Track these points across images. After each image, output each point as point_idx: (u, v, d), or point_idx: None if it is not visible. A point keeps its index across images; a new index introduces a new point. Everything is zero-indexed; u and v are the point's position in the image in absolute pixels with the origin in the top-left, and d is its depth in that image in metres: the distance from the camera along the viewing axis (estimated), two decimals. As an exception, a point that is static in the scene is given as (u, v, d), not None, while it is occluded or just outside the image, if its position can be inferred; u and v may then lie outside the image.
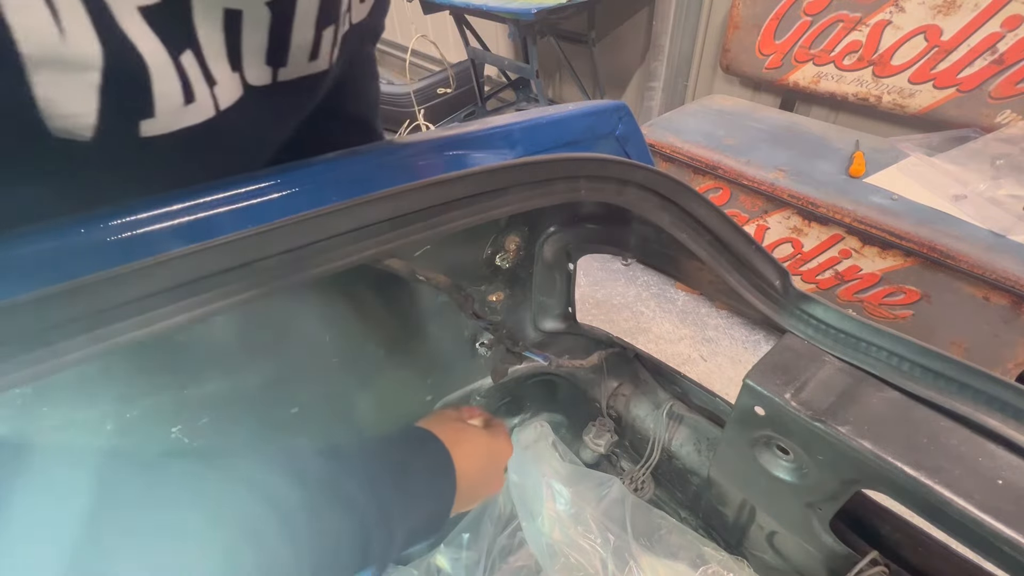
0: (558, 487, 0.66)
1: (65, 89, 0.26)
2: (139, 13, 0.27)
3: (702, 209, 0.47)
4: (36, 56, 0.24)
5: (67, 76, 0.25)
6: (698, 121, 1.64)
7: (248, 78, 0.35)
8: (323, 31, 0.37)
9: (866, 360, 0.48)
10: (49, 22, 0.23)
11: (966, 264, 1.09)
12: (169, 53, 0.29)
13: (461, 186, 0.37)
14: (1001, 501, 0.37)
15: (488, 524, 0.71)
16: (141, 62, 0.27)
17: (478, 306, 0.63)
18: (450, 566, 0.68)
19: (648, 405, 0.80)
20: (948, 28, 1.32)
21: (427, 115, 2.60)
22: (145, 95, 0.29)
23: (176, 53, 0.29)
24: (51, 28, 0.24)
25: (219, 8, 0.31)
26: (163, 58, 0.28)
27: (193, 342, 0.49)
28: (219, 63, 0.32)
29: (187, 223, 0.31)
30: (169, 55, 0.29)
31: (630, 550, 0.61)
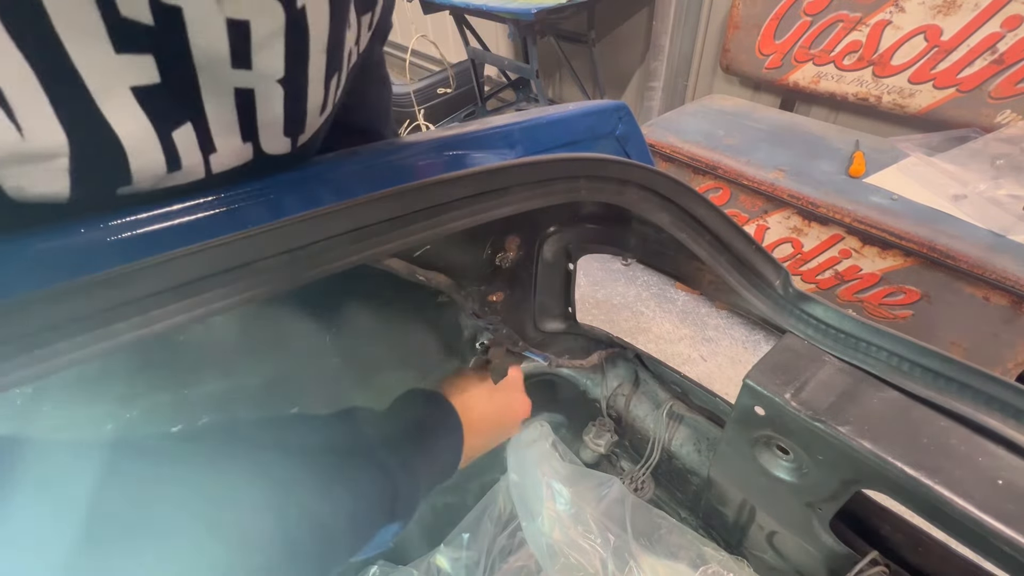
0: (558, 487, 0.66)
1: (33, 177, 0.25)
2: (131, 93, 0.27)
3: (702, 209, 0.47)
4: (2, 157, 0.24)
5: (33, 166, 0.25)
6: (698, 121, 1.64)
7: (265, 148, 0.35)
8: (330, 83, 0.37)
9: (866, 360, 0.48)
10: (6, 126, 0.23)
11: (966, 264, 1.09)
12: (157, 130, 0.28)
13: (461, 186, 0.37)
14: (1001, 501, 0.37)
15: (488, 524, 0.71)
16: (115, 143, 0.27)
17: (478, 306, 0.63)
18: (450, 566, 0.68)
19: (648, 405, 0.80)
20: (948, 28, 1.32)
21: (427, 115, 2.60)
22: (120, 170, 0.28)
23: (169, 129, 0.29)
24: (8, 130, 0.23)
25: (229, 87, 0.31)
26: (146, 136, 0.28)
27: (193, 342, 0.49)
28: (228, 135, 0.33)
29: (187, 223, 0.31)
30: (156, 132, 0.28)
31: (630, 550, 0.61)
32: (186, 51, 0.28)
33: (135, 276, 0.27)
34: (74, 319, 0.26)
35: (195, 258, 0.28)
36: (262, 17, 0.29)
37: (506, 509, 0.73)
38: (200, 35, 0.27)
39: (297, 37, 0.31)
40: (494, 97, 2.60)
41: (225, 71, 0.30)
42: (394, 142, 0.46)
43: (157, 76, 0.27)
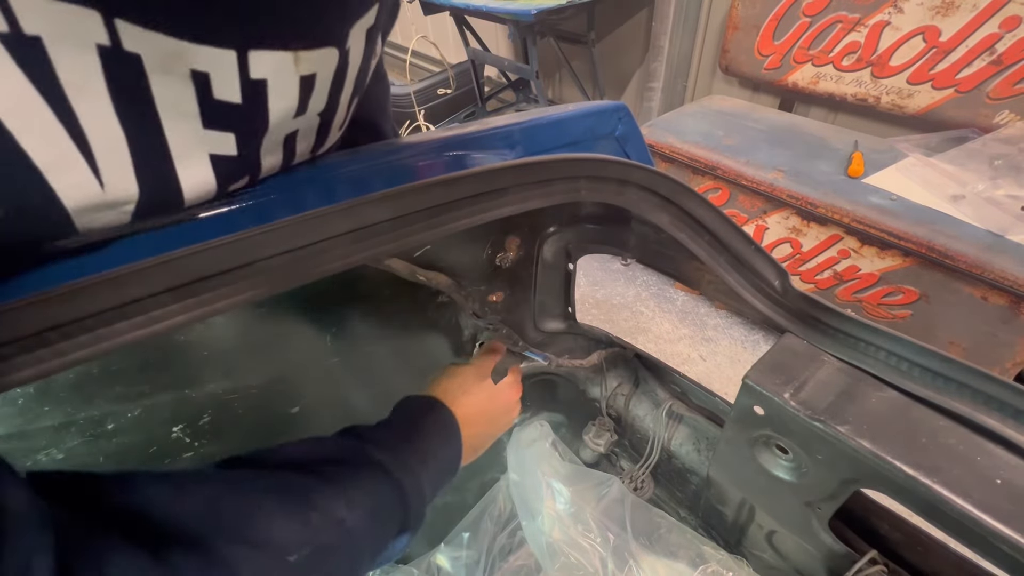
0: (558, 486, 0.66)
1: (102, 219, 0.28)
2: (208, 159, 0.29)
3: (701, 209, 0.48)
4: (79, 208, 0.26)
5: (106, 212, 0.27)
6: (697, 121, 1.65)
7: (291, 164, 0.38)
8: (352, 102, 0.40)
9: (865, 360, 0.48)
10: (90, 179, 0.25)
11: (964, 264, 1.10)
12: (219, 185, 0.31)
13: (461, 186, 0.37)
14: (999, 500, 0.37)
15: (488, 523, 0.71)
16: (179, 193, 0.29)
17: (478, 306, 0.63)
18: (450, 565, 0.68)
19: (648, 405, 0.80)
20: (947, 29, 1.32)
21: (427, 116, 2.60)
22: (175, 209, 0.31)
23: (229, 184, 0.32)
24: (92, 184, 0.25)
25: (283, 135, 0.33)
26: (209, 188, 0.30)
27: (194, 342, 0.49)
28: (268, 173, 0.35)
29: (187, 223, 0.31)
30: (218, 186, 0.31)
31: (630, 549, 0.61)
32: (264, 122, 0.30)
33: (135, 276, 0.27)
34: (75, 319, 0.26)
35: (195, 258, 0.28)
36: (324, 66, 0.31)
37: (506, 509, 0.73)
38: (279, 100, 0.30)
39: (340, 75, 0.34)
40: (494, 98, 2.60)
41: (287, 124, 0.32)
42: (394, 142, 0.46)
43: (235, 150, 0.30)
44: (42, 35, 0.21)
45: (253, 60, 0.27)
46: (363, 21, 0.33)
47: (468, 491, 0.81)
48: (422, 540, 0.72)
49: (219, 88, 0.27)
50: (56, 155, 0.24)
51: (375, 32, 0.36)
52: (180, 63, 0.25)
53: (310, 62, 0.30)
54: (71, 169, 0.24)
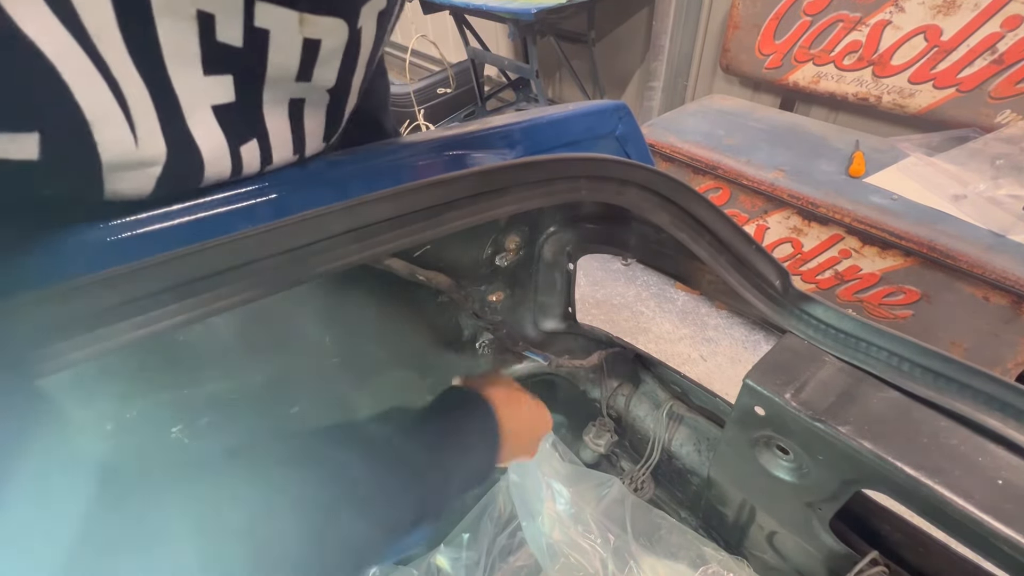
0: (558, 487, 0.66)
1: (129, 181, 0.28)
2: (211, 112, 0.30)
3: (702, 209, 0.47)
4: (113, 163, 0.27)
5: (133, 172, 0.28)
6: (698, 121, 1.64)
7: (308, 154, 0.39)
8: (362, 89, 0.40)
9: (866, 360, 0.48)
10: (127, 134, 0.26)
11: (966, 264, 1.09)
12: (230, 145, 0.32)
13: (461, 186, 0.37)
14: (1001, 501, 0.37)
15: (488, 524, 0.71)
16: (198, 155, 0.30)
17: (478, 306, 0.63)
18: (450, 566, 0.68)
19: (648, 405, 0.80)
20: (948, 28, 1.32)
21: (427, 115, 2.60)
22: (197, 176, 0.32)
23: (238, 144, 0.32)
24: (128, 139, 0.26)
25: (286, 97, 0.34)
26: (221, 150, 0.31)
27: (193, 342, 0.49)
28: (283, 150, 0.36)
29: (187, 224, 0.31)
30: (229, 146, 0.32)
31: (630, 550, 0.61)
32: (262, 69, 0.31)
33: (135, 276, 0.27)
34: (75, 319, 0.26)
35: (195, 258, 0.28)
36: (331, 36, 0.32)
37: (506, 509, 0.73)
38: (278, 54, 0.30)
39: (351, 53, 0.35)
40: (494, 97, 2.60)
41: (288, 84, 0.33)
42: (394, 142, 0.46)
43: (233, 95, 0.30)
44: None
45: (259, 9, 0.28)
46: (376, 2, 0.34)
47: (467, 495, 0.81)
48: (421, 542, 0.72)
49: (222, 30, 0.27)
50: (102, 107, 0.24)
51: (385, 18, 0.37)
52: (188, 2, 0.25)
53: (315, 26, 0.31)
54: (113, 122, 0.25)
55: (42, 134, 0.23)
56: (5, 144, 0.22)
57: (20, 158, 0.23)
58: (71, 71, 0.23)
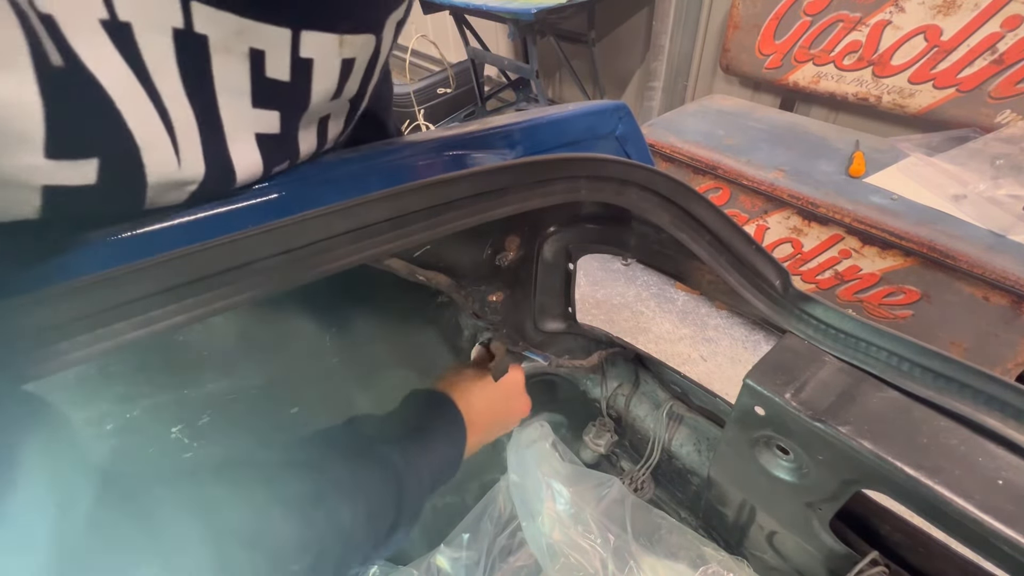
0: (558, 487, 0.66)
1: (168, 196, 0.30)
2: (255, 139, 0.32)
3: (702, 209, 0.47)
4: (157, 183, 0.28)
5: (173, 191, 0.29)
6: (698, 121, 1.64)
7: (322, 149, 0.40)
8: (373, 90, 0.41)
9: (866, 360, 0.48)
10: (172, 157, 0.28)
11: (966, 264, 1.09)
12: (265, 167, 0.33)
13: (461, 186, 0.37)
14: (1001, 501, 0.37)
15: (488, 524, 0.71)
16: (233, 175, 0.32)
17: (478, 306, 0.63)
18: (450, 566, 0.68)
19: (648, 405, 0.80)
20: (948, 28, 1.32)
21: (427, 115, 2.60)
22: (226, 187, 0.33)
23: (272, 166, 0.34)
24: (172, 161, 0.28)
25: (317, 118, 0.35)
26: (256, 169, 0.33)
27: (193, 342, 0.49)
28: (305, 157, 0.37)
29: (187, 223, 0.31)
30: (264, 168, 0.33)
31: (630, 550, 0.61)
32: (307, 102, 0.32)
33: (134, 276, 0.27)
34: (74, 319, 0.26)
35: (195, 258, 0.28)
36: (363, 52, 0.34)
37: (506, 509, 0.73)
38: (321, 81, 0.32)
39: (373, 63, 0.36)
40: (494, 97, 2.60)
41: (324, 105, 0.34)
42: (394, 142, 0.46)
43: (278, 128, 0.32)
44: (132, 21, 0.23)
45: (304, 40, 0.29)
46: (397, 13, 0.35)
47: (468, 492, 0.81)
48: (422, 541, 0.72)
49: (271, 66, 0.29)
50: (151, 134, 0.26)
51: (400, 26, 0.38)
52: (241, 41, 0.27)
53: (352, 46, 0.32)
54: (160, 147, 0.27)
55: (100, 160, 0.25)
56: (68, 171, 0.24)
57: (80, 183, 0.25)
58: (126, 101, 0.25)
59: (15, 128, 0.21)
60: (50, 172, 0.23)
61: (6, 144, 0.21)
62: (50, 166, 0.23)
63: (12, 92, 0.21)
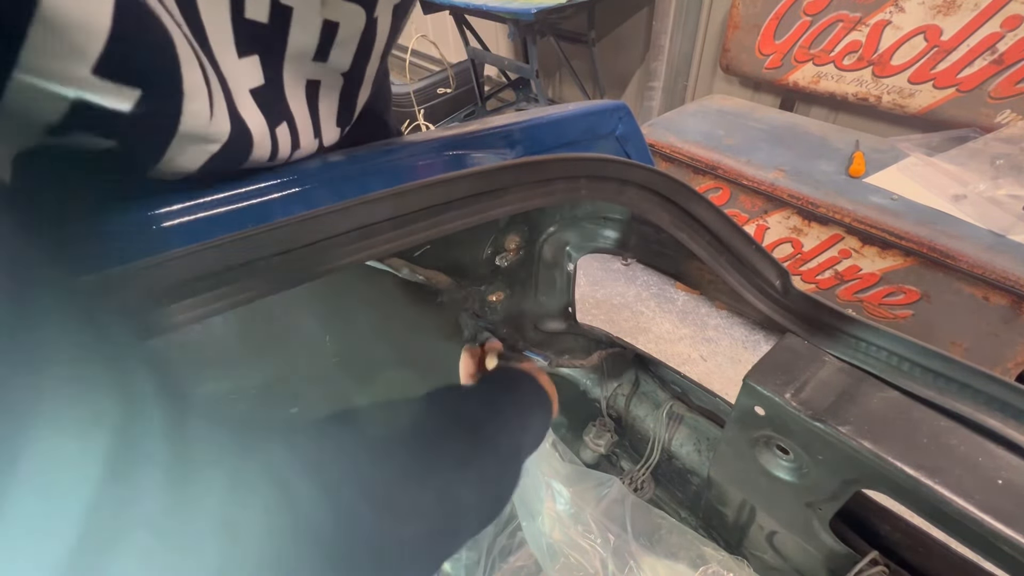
0: (558, 487, 0.66)
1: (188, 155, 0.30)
2: (250, 95, 0.32)
3: (702, 209, 0.47)
4: (187, 134, 0.28)
5: (196, 147, 0.30)
6: (698, 121, 1.64)
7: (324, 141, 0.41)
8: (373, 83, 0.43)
9: (866, 360, 0.48)
10: (206, 109, 0.29)
11: (966, 264, 1.09)
12: (269, 127, 0.34)
13: (461, 186, 0.37)
14: (1001, 501, 0.37)
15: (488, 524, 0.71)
16: (249, 136, 0.33)
17: (478, 306, 0.63)
18: (450, 566, 0.68)
19: (648, 405, 0.80)
20: (948, 28, 1.32)
21: (427, 115, 2.60)
22: (243, 157, 0.33)
23: (274, 126, 0.35)
24: (206, 113, 0.29)
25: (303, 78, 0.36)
26: (263, 132, 0.34)
27: (193, 342, 0.49)
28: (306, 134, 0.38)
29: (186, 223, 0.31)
30: (268, 129, 0.34)
31: (630, 550, 0.61)
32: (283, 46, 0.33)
33: (135, 276, 0.27)
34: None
35: (194, 258, 0.28)
36: (350, 20, 0.34)
37: (506, 509, 0.73)
38: (299, 32, 0.33)
39: (367, 40, 0.37)
40: (494, 97, 2.60)
41: (305, 63, 0.35)
42: (394, 142, 0.46)
43: (261, 76, 0.33)
44: None
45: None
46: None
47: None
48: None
49: (251, 7, 0.30)
50: (196, 83, 0.27)
51: (401, 11, 0.39)
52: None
53: (336, 9, 0.33)
54: (199, 98, 0.28)
55: (143, 92, 0.25)
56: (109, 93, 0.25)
57: (113, 107, 0.25)
58: (182, 47, 0.26)
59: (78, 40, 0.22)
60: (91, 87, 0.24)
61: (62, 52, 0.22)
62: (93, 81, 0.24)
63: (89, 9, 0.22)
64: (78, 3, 0.22)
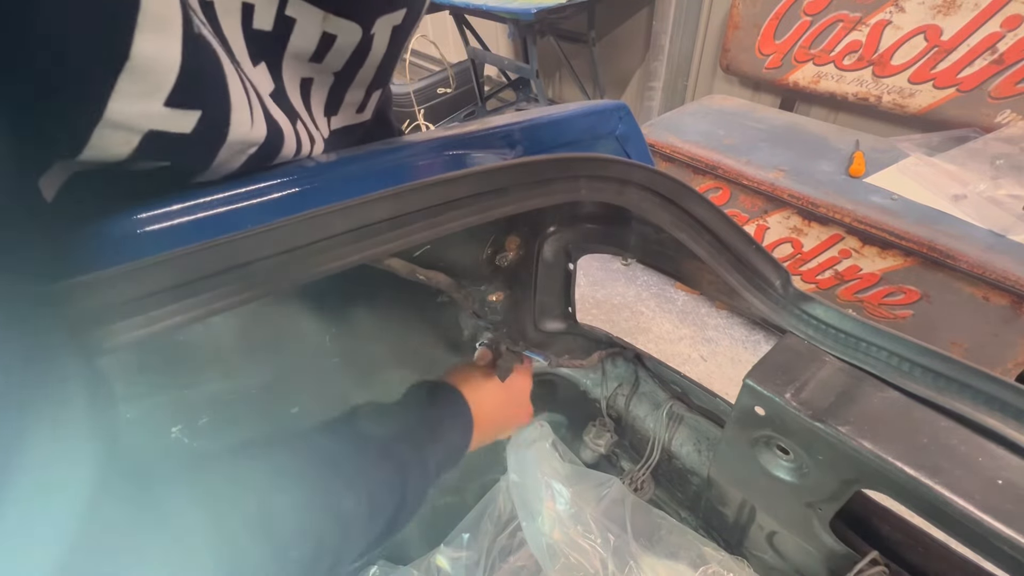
0: (558, 487, 0.66)
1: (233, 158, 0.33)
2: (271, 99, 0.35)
3: (702, 209, 0.47)
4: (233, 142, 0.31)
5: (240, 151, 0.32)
6: (698, 121, 1.64)
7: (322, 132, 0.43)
8: (372, 93, 0.46)
9: (866, 360, 0.48)
10: (248, 117, 0.31)
11: (966, 264, 1.09)
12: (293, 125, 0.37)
13: (461, 186, 0.37)
14: (1001, 501, 0.37)
15: (488, 524, 0.71)
16: (282, 135, 0.35)
17: (478, 306, 0.63)
18: (450, 566, 0.68)
19: (648, 405, 0.80)
20: (948, 28, 1.32)
21: (427, 115, 2.60)
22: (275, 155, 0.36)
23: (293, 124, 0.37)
24: (248, 121, 0.31)
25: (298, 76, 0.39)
26: (290, 130, 0.37)
27: (193, 342, 0.49)
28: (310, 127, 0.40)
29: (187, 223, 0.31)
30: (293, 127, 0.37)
31: (630, 550, 0.61)
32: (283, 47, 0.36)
33: (135, 275, 0.27)
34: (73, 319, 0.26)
35: (194, 258, 0.28)
36: (346, 35, 0.38)
37: (506, 509, 0.73)
38: (299, 38, 0.36)
39: (361, 51, 0.40)
40: (494, 97, 2.60)
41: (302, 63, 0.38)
42: (394, 142, 0.46)
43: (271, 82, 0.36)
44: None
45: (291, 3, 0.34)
46: (390, 17, 0.39)
47: (468, 492, 0.81)
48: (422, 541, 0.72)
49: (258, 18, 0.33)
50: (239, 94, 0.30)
51: (400, 33, 0.41)
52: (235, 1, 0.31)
53: (335, 25, 0.36)
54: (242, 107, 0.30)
55: (203, 112, 0.28)
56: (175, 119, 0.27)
57: (176, 131, 0.27)
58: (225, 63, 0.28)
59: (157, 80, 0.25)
60: (162, 119, 0.26)
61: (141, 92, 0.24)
62: (164, 113, 0.26)
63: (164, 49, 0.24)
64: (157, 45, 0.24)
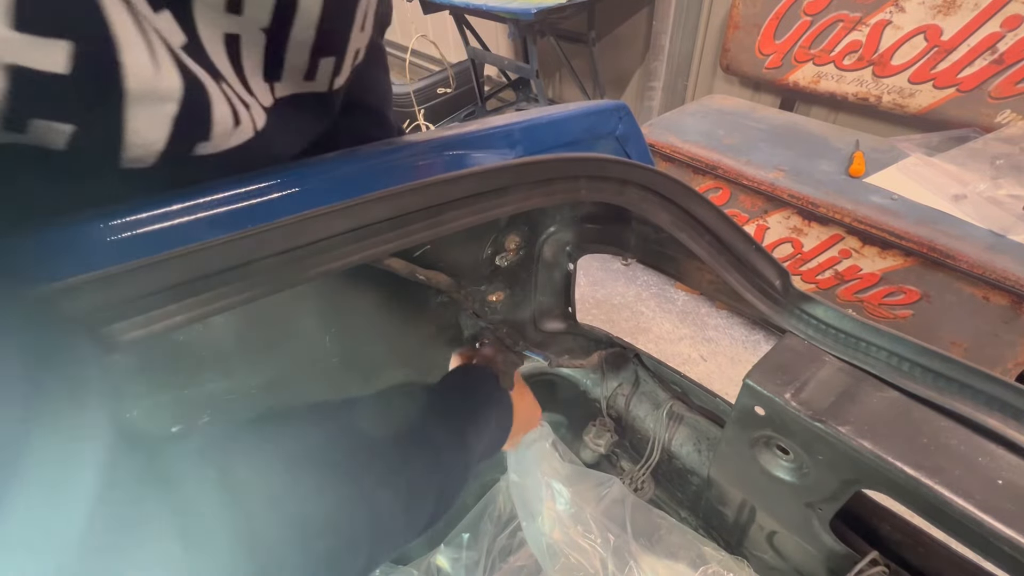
0: (558, 487, 0.66)
1: (149, 120, 0.29)
2: (183, 52, 0.31)
3: (702, 209, 0.47)
4: (136, 91, 0.27)
5: (153, 108, 0.28)
6: (698, 121, 1.64)
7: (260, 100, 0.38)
8: (320, 59, 0.40)
9: (866, 360, 0.48)
10: (148, 59, 0.27)
11: (966, 264, 1.09)
12: (215, 81, 0.32)
13: (461, 186, 0.37)
14: (1001, 501, 0.37)
15: (488, 524, 0.71)
16: (205, 91, 0.31)
17: (478, 306, 0.63)
18: (450, 566, 0.68)
19: (648, 405, 0.80)
20: (948, 28, 1.32)
21: (427, 115, 2.60)
22: (206, 120, 0.32)
23: (218, 82, 0.33)
24: (149, 64, 0.27)
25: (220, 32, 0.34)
26: (214, 87, 0.32)
27: (193, 342, 0.49)
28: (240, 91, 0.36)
29: (186, 223, 0.31)
30: (217, 84, 0.32)
31: (630, 550, 0.61)
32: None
33: (135, 275, 0.27)
34: (74, 318, 0.26)
35: (194, 257, 0.28)
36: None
37: (506, 509, 0.73)
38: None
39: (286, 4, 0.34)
40: (494, 97, 2.60)
41: (218, 16, 0.33)
42: (394, 142, 0.46)
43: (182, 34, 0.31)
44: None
45: None
46: None
47: (468, 492, 0.81)
48: (422, 541, 0.72)
49: None
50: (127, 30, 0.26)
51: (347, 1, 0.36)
52: None
53: None
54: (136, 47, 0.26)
55: (74, 44, 0.24)
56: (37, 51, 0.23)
57: (49, 70, 0.23)
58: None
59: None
60: (18, 48, 0.22)
61: None
62: (18, 40, 0.22)
63: None
64: None
